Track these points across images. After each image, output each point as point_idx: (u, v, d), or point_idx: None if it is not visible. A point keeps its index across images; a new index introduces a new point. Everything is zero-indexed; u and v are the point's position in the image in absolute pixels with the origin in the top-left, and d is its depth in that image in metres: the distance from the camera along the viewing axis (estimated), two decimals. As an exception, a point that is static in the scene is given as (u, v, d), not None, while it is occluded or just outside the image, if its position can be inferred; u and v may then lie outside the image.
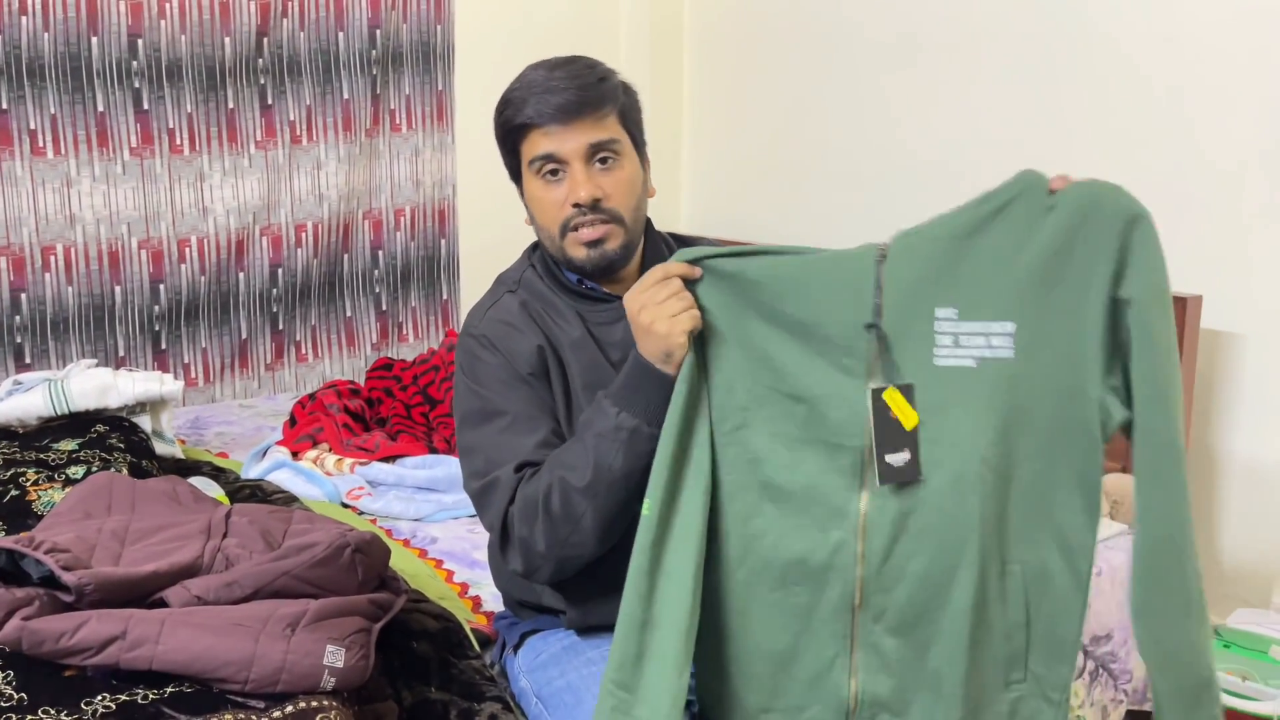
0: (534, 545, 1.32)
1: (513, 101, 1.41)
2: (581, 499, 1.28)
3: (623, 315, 1.45)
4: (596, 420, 1.29)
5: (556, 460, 1.32)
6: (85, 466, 1.82)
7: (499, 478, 1.35)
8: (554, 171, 1.40)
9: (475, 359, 1.44)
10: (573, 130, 1.37)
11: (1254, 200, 2.16)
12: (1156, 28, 2.28)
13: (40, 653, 1.15)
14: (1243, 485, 2.27)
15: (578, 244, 1.40)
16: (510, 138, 1.43)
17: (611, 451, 1.26)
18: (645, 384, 1.25)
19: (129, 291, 2.93)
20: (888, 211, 2.88)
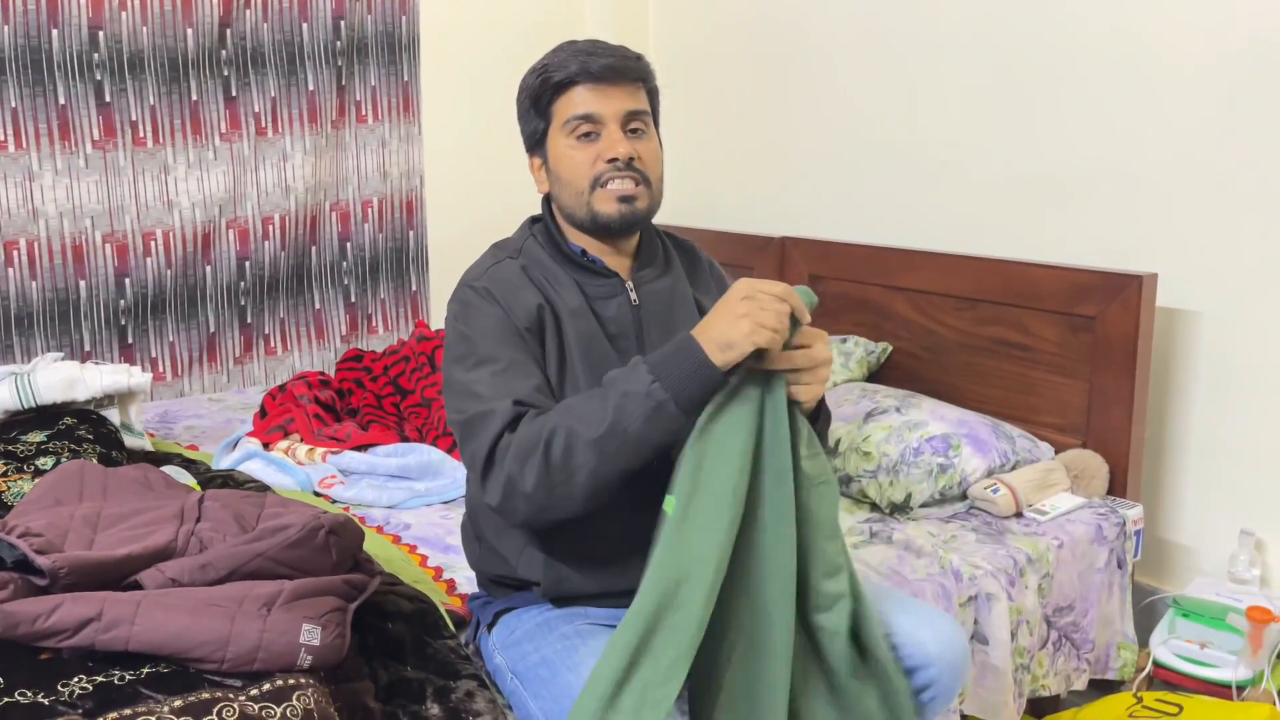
0: (520, 484, 1.29)
1: (554, 63, 1.45)
2: (586, 452, 1.26)
3: (618, 292, 1.48)
4: (626, 380, 1.27)
5: (570, 409, 1.30)
6: (54, 458, 1.81)
7: (494, 409, 1.33)
8: (588, 134, 1.43)
9: (472, 307, 1.44)
10: (614, 92, 1.43)
11: (1206, 181, 2.21)
12: (1111, 14, 2.32)
13: (15, 635, 1.15)
14: (1198, 458, 2.33)
15: (609, 198, 1.43)
16: (545, 97, 1.46)
17: (634, 414, 1.25)
18: (689, 364, 1.25)
19: (94, 286, 2.91)
20: (851, 201, 2.94)
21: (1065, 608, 2.05)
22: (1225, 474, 2.28)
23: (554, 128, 1.46)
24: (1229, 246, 2.19)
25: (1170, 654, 2.10)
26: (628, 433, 1.25)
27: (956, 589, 1.85)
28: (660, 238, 1.60)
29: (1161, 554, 2.39)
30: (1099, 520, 2.11)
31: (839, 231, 2.88)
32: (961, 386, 2.46)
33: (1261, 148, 2.12)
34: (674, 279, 1.57)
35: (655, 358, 1.29)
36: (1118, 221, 2.35)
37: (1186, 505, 2.36)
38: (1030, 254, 2.45)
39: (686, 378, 1.25)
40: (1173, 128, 2.25)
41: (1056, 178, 2.45)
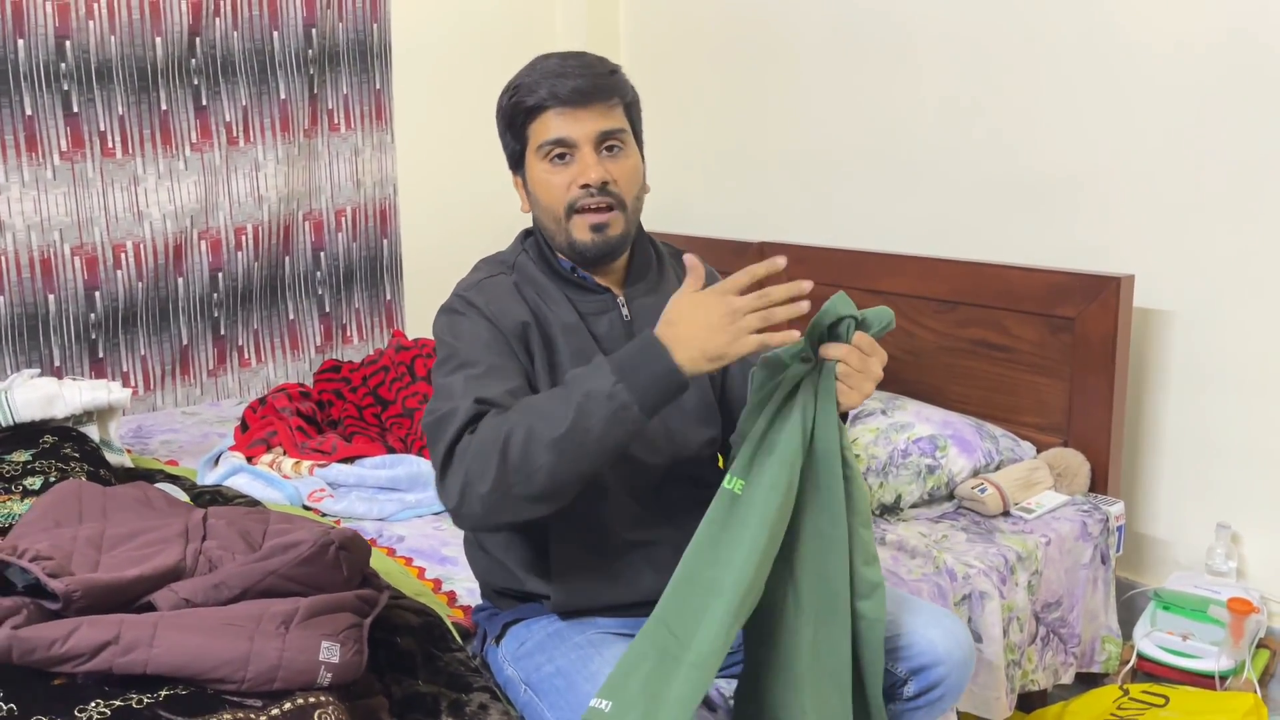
0: (476, 485, 1.25)
1: (524, 85, 1.43)
2: (545, 452, 1.23)
3: (609, 308, 1.49)
4: (589, 379, 1.25)
5: (531, 406, 1.28)
6: (42, 477, 1.77)
7: (456, 408, 1.31)
8: (562, 155, 1.42)
9: (460, 316, 1.44)
10: (585, 115, 1.41)
11: (1179, 185, 2.27)
12: (1084, 20, 2.37)
13: (31, 661, 1.13)
14: (1174, 455, 2.38)
15: (583, 226, 1.43)
16: (519, 120, 1.44)
17: (596, 415, 1.22)
18: (655, 369, 1.23)
19: (63, 300, 2.86)
20: (828, 206, 2.97)
21: (1053, 604, 2.09)
22: (1201, 469, 2.33)
23: (529, 150, 1.45)
24: (1202, 248, 2.25)
25: (1153, 646, 2.15)
26: (589, 433, 1.23)
27: (951, 588, 1.88)
28: (654, 248, 1.61)
29: (1140, 549, 2.45)
30: (1083, 517, 2.16)
31: (816, 236, 2.92)
32: (943, 388, 2.50)
33: (1232, 152, 2.18)
34: (667, 290, 1.57)
35: (619, 356, 1.26)
36: (1092, 224, 2.40)
37: (1163, 500, 2.41)
38: (1007, 256, 2.50)
39: (652, 382, 1.23)
40: (1146, 133, 2.30)
41: (1032, 181, 2.50)
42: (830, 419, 1.34)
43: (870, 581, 1.39)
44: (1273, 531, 2.26)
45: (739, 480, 1.32)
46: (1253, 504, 2.27)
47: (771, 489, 1.31)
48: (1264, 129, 2.13)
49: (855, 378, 1.32)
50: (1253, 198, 2.17)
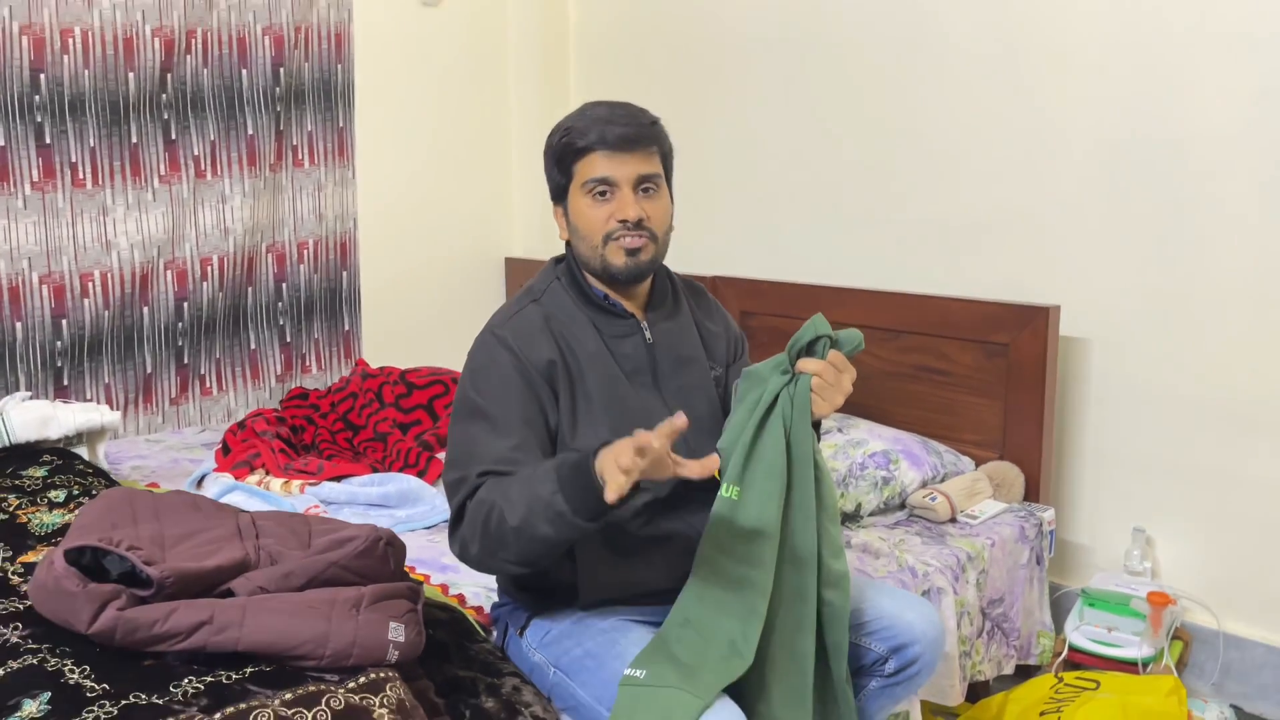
0: (470, 546, 1.51)
1: (576, 128, 1.61)
2: (510, 535, 1.45)
3: (633, 331, 1.66)
4: (540, 483, 1.42)
5: (504, 492, 1.46)
6: (65, 490, 1.84)
7: (466, 477, 1.53)
8: (604, 193, 1.60)
9: (488, 357, 1.60)
10: (627, 159, 1.59)
11: (1100, 228, 2.55)
12: (1014, 80, 2.66)
13: (133, 640, 1.23)
14: (1093, 467, 2.65)
15: (619, 250, 1.60)
16: (567, 158, 1.62)
17: (542, 520, 1.41)
18: (589, 487, 1.36)
19: (30, 327, 2.88)
20: (777, 243, 3.19)
21: (997, 600, 2.31)
22: (1117, 479, 2.60)
23: (574, 185, 1.63)
24: (1118, 283, 2.53)
25: (1083, 638, 2.38)
26: (536, 529, 1.43)
27: (913, 584, 2.08)
28: (671, 280, 1.78)
29: (1064, 552, 2.70)
30: (1020, 522, 2.39)
31: (767, 271, 3.13)
32: (889, 409, 2.72)
33: (1144, 199, 2.48)
34: (683, 317, 1.75)
35: (565, 469, 1.42)
36: (1022, 260, 2.67)
37: (1084, 508, 2.67)
38: (946, 289, 2.75)
39: (586, 498, 1.37)
40: (1068, 180, 2.59)
41: (968, 221, 2.77)
42: (805, 427, 1.54)
43: (837, 572, 1.57)
44: (1182, 535, 2.53)
45: (735, 487, 1.51)
46: (1164, 510, 2.54)
47: (766, 497, 1.49)
48: (1171, 178, 2.43)
49: (828, 390, 1.53)
50: (1162, 240, 2.46)
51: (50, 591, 1.29)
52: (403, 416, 2.97)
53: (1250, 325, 2.36)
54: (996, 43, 2.68)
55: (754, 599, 1.46)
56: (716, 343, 1.77)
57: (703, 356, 1.73)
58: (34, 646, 1.32)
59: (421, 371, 3.11)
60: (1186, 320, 2.45)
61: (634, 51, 3.57)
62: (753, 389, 1.58)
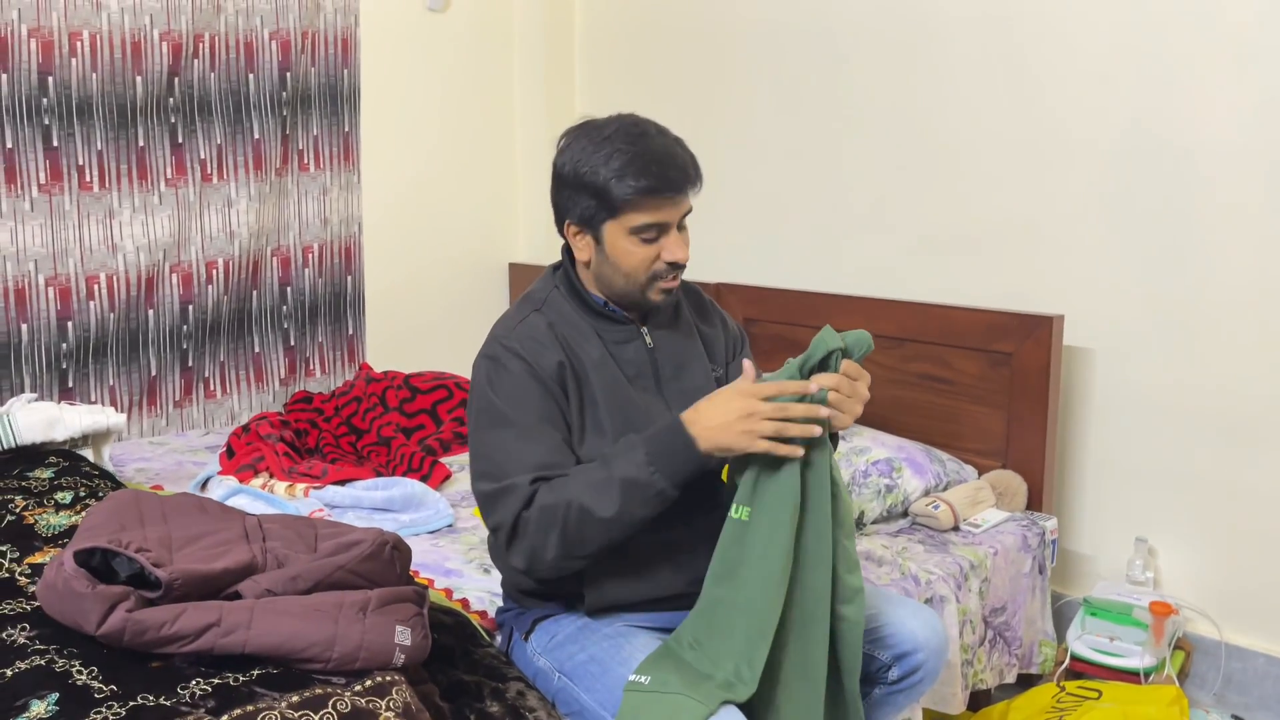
0: (544, 551, 1.50)
1: (626, 172, 1.54)
2: (598, 528, 1.47)
3: (634, 337, 1.66)
4: (627, 465, 1.46)
5: (581, 484, 1.48)
6: (71, 492, 1.85)
7: (515, 484, 1.51)
8: (654, 237, 1.58)
9: (500, 366, 1.60)
10: (678, 203, 1.59)
11: (1103, 237, 2.56)
12: (1018, 90, 2.67)
13: (142, 641, 1.23)
14: (1095, 477, 2.66)
15: (659, 291, 1.62)
16: (614, 200, 1.55)
17: (638, 502, 1.46)
18: (684, 455, 1.45)
19: (35, 329, 2.89)
20: (781, 250, 3.20)
21: (999, 609, 2.31)
22: (1120, 489, 2.61)
23: (617, 224, 1.57)
24: (1121, 293, 2.54)
25: (1085, 647, 2.38)
26: (635, 516, 1.47)
27: (916, 591, 2.08)
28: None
29: (1066, 561, 2.70)
30: (1023, 531, 2.40)
31: (771, 277, 3.14)
32: (893, 417, 2.73)
33: (1147, 209, 2.48)
34: (682, 321, 1.76)
35: (653, 445, 1.47)
36: (1026, 269, 2.68)
37: (1086, 518, 2.68)
38: (950, 298, 2.75)
39: (681, 467, 1.46)
40: (1073, 190, 2.60)
41: (972, 230, 2.77)
42: (823, 442, 1.52)
43: (852, 587, 1.56)
44: (1185, 545, 2.53)
45: (745, 509, 1.49)
46: (1167, 520, 2.55)
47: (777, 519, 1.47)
48: (1176, 188, 2.44)
49: (846, 403, 1.51)
50: (1166, 249, 2.47)
51: (59, 593, 1.29)
52: (406, 421, 2.98)
53: (1254, 335, 2.37)
54: (1001, 51, 2.69)
55: (762, 625, 1.45)
56: (715, 343, 1.78)
57: (704, 358, 1.74)
58: (41, 647, 1.32)
59: (425, 376, 3.12)
60: (1190, 330, 2.45)
61: (639, 58, 3.58)
62: None
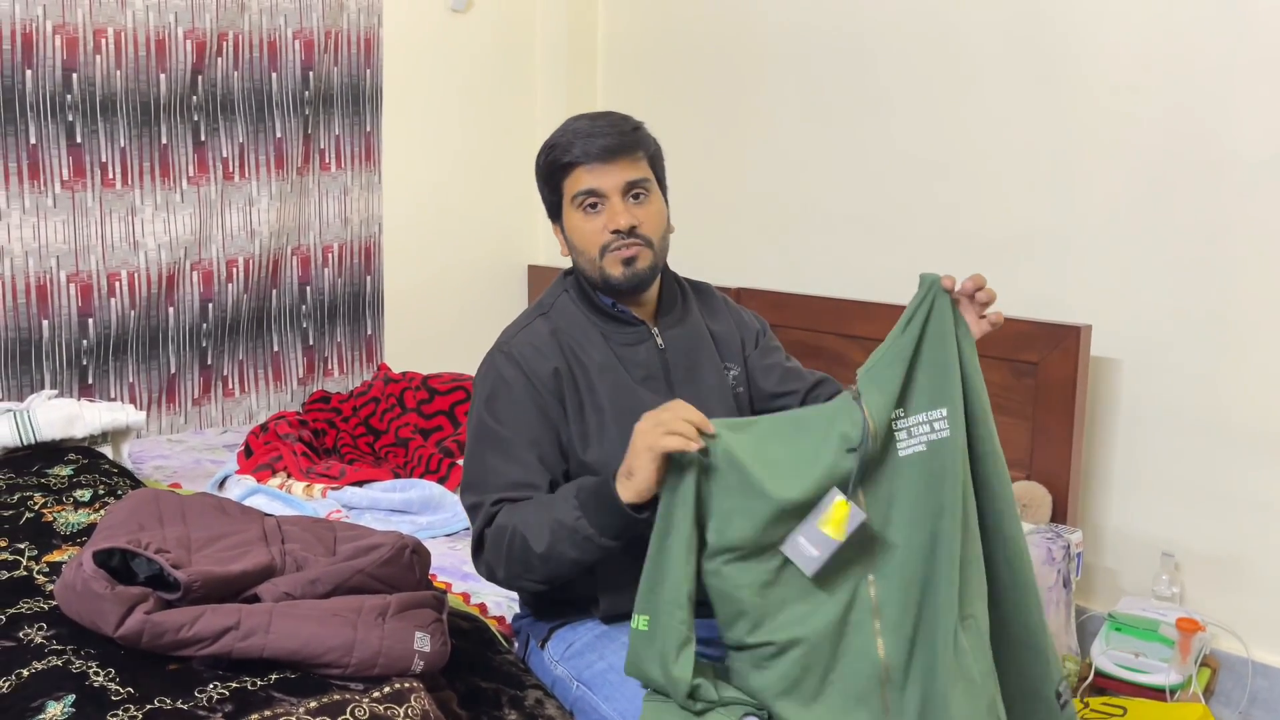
0: (495, 570, 1.54)
1: (559, 145, 1.61)
2: (535, 559, 1.48)
3: (645, 338, 1.65)
4: (561, 509, 1.46)
5: (523, 518, 1.49)
6: (90, 490, 1.84)
7: (481, 503, 1.55)
8: (594, 205, 1.60)
9: (497, 374, 1.61)
10: (612, 168, 1.59)
11: (1132, 246, 2.52)
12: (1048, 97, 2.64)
13: (160, 644, 1.22)
14: (1121, 494, 2.62)
15: (615, 262, 1.60)
16: (555, 176, 1.63)
17: (566, 543, 1.45)
18: (610, 506, 1.41)
19: (56, 326, 2.89)
20: (802, 256, 3.17)
21: (1022, 622, 2.27)
22: (1146, 503, 2.57)
23: (565, 201, 1.63)
24: (1150, 303, 2.51)
25: (1110, 663, 2.35)
26: (565, 556, 1.46)
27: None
28: (679, 284, 1.78)
29: (1091, 576, 2.66)
30: (1048, 544, 2.36)
31: (793, 283, 3.11)
32: (915, 426, 2.69)
33: (1177, 218, 2.45)
34: (693, 320, 1.74)
35: (584, 494, 1.46)
36: (1052, 278, 2.64)
37: (1111, 531, 2.64)
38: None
39: (609, 518, 1.42)
40: (1101, 198, 2.57)
41: (998, 237, 2.74)
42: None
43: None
44: (1211, 561, 2.49)
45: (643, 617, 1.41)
46: (1193, 535, 2.51)
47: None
48: (1207, 198, 2.40)
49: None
50: (1197, 260, 2.43)
51: (78, 593, 1.28)
52: (424, 422, 2.97)
53: (1285, 349, 2.33)
54: (1030, 58, 2.66)
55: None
56: (727, 342, 1.76)
57: (715, 358, 1.72)
58: (59, 648, 1.31)
59: (443, 377, 3.10)
60: (1220, 343, 2.42)
61: (661, 62, 3.56)
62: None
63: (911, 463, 1.44)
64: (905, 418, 1.44)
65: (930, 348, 1.45)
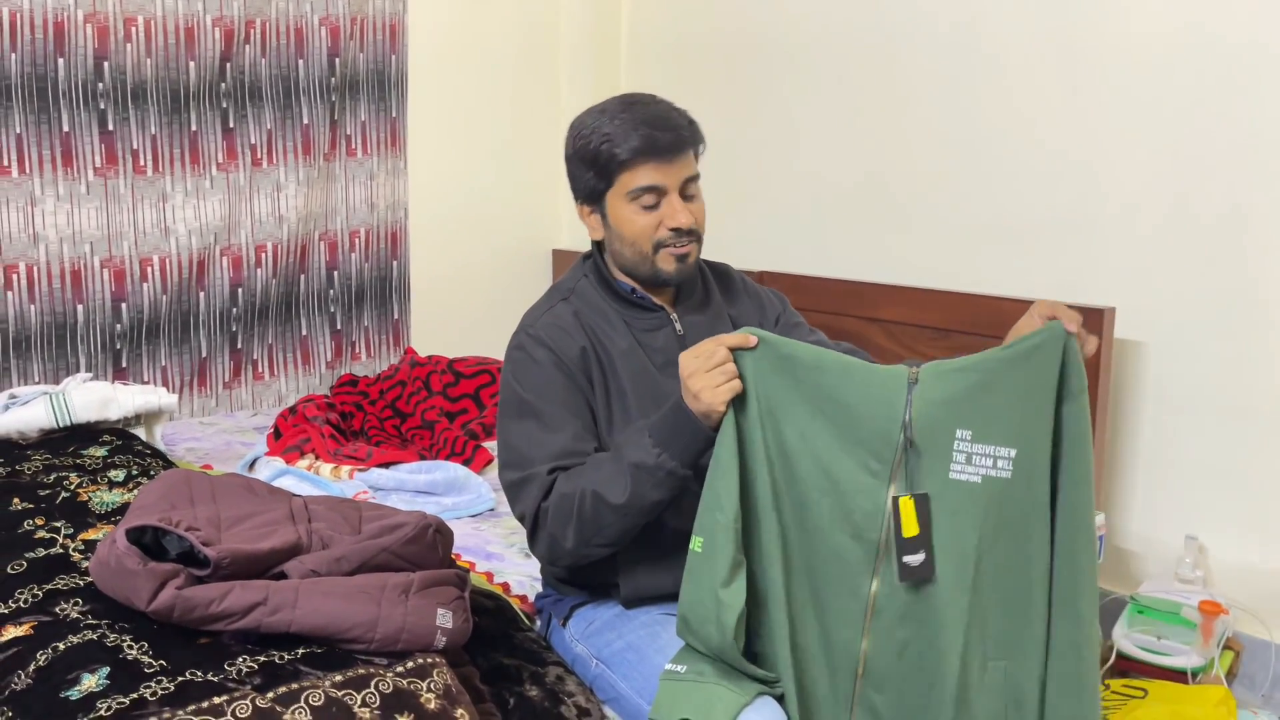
0: (562, 541, 1.52)
1: (617, 135, 1.57)
2: (612, 514, 1.48)
3: (664, 324, 1.66)
4: (635, 451, 1.47)
5: (594, 474, 1.50)
6: (124, 470, 1.89)
7: (534, 474, 1.54)
8: (653, 202, 1.59)
9: (526, 355, 1.62)
10: (675, 166, 1.59)
11: (1157, 228, 2.51)
12: (1071, 76, 2.62)
13: (190, 619, 1.26)
14: (1146, 476, 2.61)
15: (669, 259, 1.61)
16: (609, 165, 1.59)
17: (649, 485, 1.46)
18: (686, 431, 1.44)
19: (91, 310, 2.95)
20: (825, 239, 3.17)
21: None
22: (1171, 486, 2.56)
23: (615, 192, 1.61)
24: (1174, 285, 2.49)
25: (1132, 645, 2.35)
26: (646, 499, 1.48)
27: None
28: (699, 268, 1.79)
29: (1115, 558, 2.66)
30: (1069, 526, 2.36)
31: (816, 266, 3.12)
32: (937, 409, 2.70)
33: (1203, 199, 2.43)
34: (713, 305, 1.76)
35: (656, 427, 1.47)
36: (1076, 260, 2.63)
37: (1136, 514, 2.63)
38: (996, 289, 2.71)
39: (687, 442, 1.45)
40: (1126, 179, 2.55)
41: (1021, 219, 2.73)
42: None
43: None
44: (1235, 544, 2.48)
45: (698, 539, 1.42)
46: (1217, 518, 2.49)
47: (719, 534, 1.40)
48: (1234, 180, 2.38)
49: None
50: (1223, 243, 2.41)
51: (112, 569, 1.32)
52: (450, 405, 3.01)
53: (1312, 331, 2.31)
54: (1052, 42, 2.64)
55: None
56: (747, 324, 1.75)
57: None
58: (94, 622, 1.36)
59: (469, 361, 3.14)
60: (1246, 325, 2.40)
61: (685, 46, 3.57)
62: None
63: (959, 489, 1.38)
64: (970, 441, 1.37)
65: (1024, 381, 1.38)
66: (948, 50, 2.84)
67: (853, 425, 1.40)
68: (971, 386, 1.39)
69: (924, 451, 1.38)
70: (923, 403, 1.38)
